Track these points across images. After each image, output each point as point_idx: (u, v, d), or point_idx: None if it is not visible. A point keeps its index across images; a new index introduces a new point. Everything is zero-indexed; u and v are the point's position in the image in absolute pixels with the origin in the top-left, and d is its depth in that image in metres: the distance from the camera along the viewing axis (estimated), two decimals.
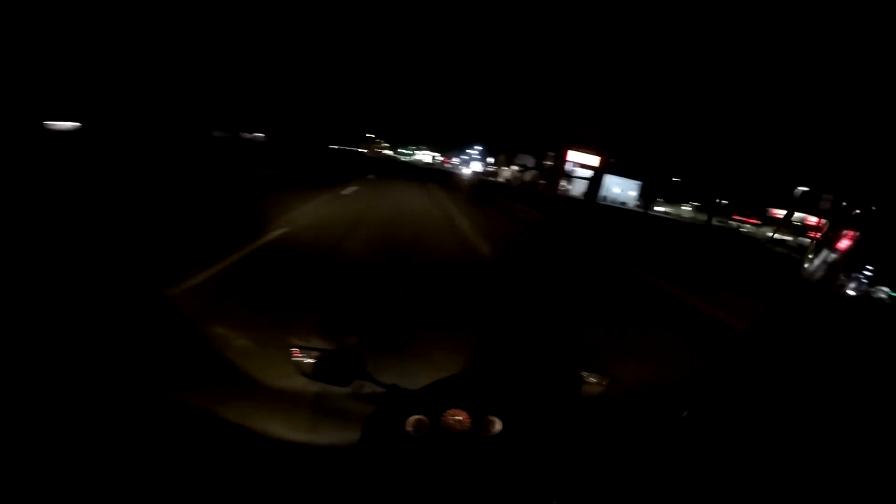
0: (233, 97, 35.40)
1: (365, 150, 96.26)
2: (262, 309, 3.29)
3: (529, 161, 60.06)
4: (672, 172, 54.15)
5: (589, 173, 47.16)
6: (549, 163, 53.55)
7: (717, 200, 47.87)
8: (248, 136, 38.24)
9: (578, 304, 4.94)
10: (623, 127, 48.62)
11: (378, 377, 0.99)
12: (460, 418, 0.85)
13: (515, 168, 61.12)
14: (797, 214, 43.62)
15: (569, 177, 48.85)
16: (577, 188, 48.59)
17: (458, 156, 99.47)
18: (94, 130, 15.41)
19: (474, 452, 0.84)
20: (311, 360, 1.00)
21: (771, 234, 36.82)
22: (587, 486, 0.87)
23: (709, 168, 50.91)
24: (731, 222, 52.39)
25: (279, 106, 48.92)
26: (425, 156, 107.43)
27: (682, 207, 58.59)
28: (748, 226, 51.30)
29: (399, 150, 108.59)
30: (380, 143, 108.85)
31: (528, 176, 57.51)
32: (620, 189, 53.19)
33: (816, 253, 4.93)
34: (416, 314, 3.62)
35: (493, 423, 0.86)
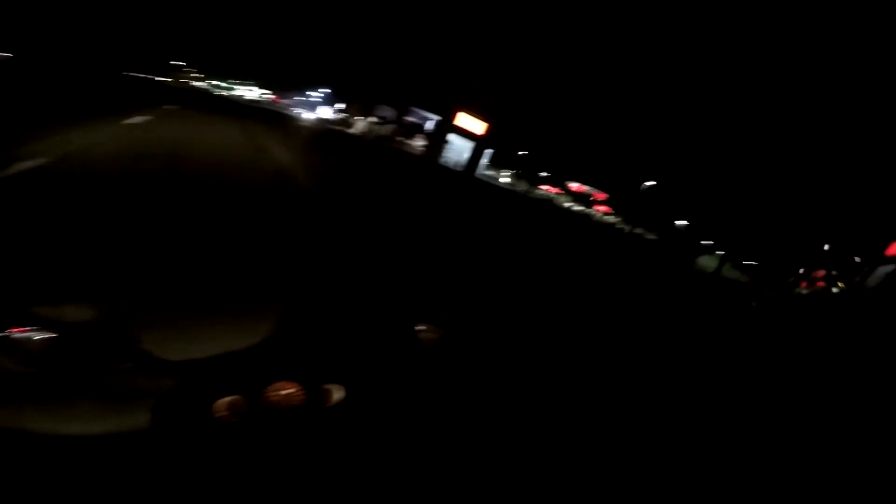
0: None
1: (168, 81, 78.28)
2: None
3: (390, 114, 52.77)
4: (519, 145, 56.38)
5: (459, 140, 43.82)
6: (411, 119, 53.70)
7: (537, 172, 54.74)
8: None
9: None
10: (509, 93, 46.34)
11: (161, 354, 0.75)
12: (291, 391, 0.71)
13: (373, 120, 54.48)
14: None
15: (430, 137, 46.86)
16: (452, 155, 44.53)
17: (296, 97, 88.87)
18: None
19: (313, 428, 0.70)
20: (43, 339, 0.72)
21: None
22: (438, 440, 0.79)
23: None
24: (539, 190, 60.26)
25: None
26: (250, 93, 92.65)
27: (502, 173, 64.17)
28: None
29: (214, 84, 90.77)
30: (189, 73, 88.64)
31: (387, 130, 56.12)
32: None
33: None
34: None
35: (330, 391, 0.73)
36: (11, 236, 2.45)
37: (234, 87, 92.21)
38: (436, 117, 49.67)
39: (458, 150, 46.62)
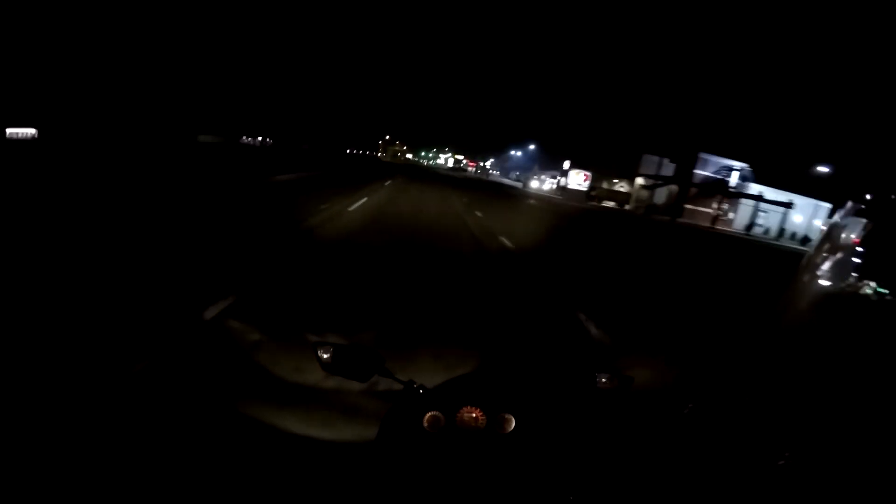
0: (227, 98, 31.65)
1: (382, 155, 79.65)
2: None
3: (663, 169, 34.01)
4: None
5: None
6: (705, 172, 32.31)
7: None
8: (248, 140, 35.01)
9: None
10: None
11: (395, 374, 1.02)
12: (475, 415, 0.86)
13: (640, 182, 34.93)
14: None
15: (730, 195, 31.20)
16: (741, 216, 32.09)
17: (488, 159, 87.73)
18: (53, 137, 13.59)
19: (489, 449, 0.84)
20: (329, 354, 1.04)
21: None
22: (601, 482, 0.85)
23: None
24: None
25: (285, 108, 43.64)
26: (447, 160, 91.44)
27: None
28: None
29: (420, 154, 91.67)
30: (398, 146, 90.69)
31: (663, 196, 33.48)
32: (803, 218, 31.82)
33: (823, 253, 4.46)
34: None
35: (507, 420, 0.86)
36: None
37: (436, 155, 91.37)
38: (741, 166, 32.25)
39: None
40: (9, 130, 12.00)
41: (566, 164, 40.61)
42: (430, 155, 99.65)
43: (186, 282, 3.65)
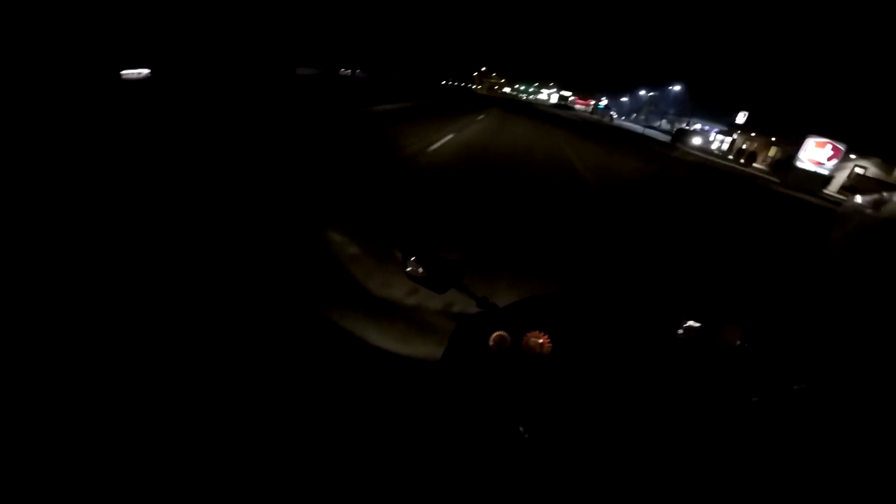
0: (324, 31, 31.57)
1: (477, 87, 76.46)
2: None
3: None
4: None
5: None
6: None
7: None
8: (345, 72, 34.73)
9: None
10: None
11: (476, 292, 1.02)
12: (541, 341, 0.85)
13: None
14: None
15: None
16: None
17: (601, 98, 75.68)
18: (164, 76, 14.08)
19: (548, 376, 0.83)
20: (413, 261, 1.06)
21: None
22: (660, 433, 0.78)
23: None
24: None
25: (379, 39, 42.31)
26: (550, 95, 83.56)
27: None
28: None
29: (517, 88, 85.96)
30: (496, 78, 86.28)
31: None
32: None
33: None
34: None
35: (571, 349, 0.86)
36: None
37: (538, 90, 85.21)
38: None
39: None
40: (124, 72, 13.11)
41: (740, 117, 30.21)
42: (532, 90, 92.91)
43: (292, 203, 3.96)
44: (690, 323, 0.98)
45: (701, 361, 0.95)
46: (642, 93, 63.01)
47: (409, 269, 1.06)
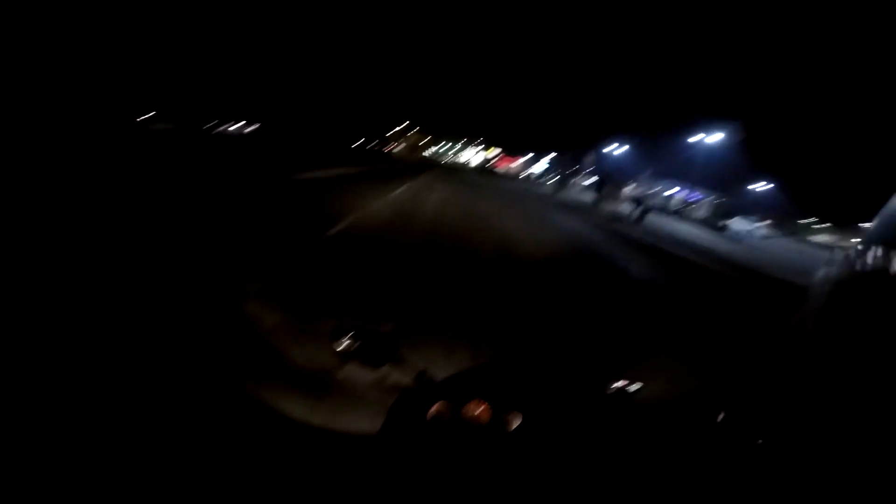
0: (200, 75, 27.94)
1: (395, 148, 72.89)
2: None
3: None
4: None
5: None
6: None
7: None
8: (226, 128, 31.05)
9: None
10: None
11: (408, 364, 1.07)
12: (481, 409, 0.88)
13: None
14: None
15: None
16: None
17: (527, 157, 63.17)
18: None
19: (491, 445, 0.86)
20: (344, 338, 1.07)
21: None
22: (601, 486, 0.86)
23: None
24: None
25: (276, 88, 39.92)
26: (473, 155, 78.79)
27: None
28: None
29: (440, 147, 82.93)
30: (418, 135, 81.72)
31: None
32: None
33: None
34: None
35: (513, 418, 0.88)
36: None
37: (461, 148, 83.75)
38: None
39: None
40: None
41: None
42: (458, 148, 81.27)
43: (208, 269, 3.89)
44: (621, 382, 1.08)
45: (633, 419, 1.03)
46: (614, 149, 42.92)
47: (340, 347, 1.08)
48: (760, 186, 41.06)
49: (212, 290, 3.30)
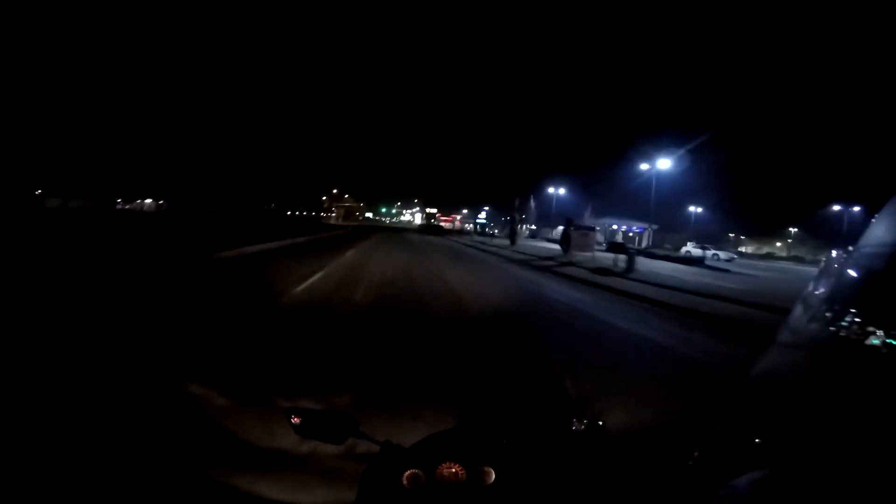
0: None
1: (329, 216, 74.53)
2: None
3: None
4: None
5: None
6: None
7: None
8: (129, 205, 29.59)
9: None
10: None
11: (371, 434, 1.06)
12: (455, 470, 0.89)
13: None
14: None
15: None
16: None
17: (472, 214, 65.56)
18: None
19: (475, 500, 0.87)
20: (301, 419, 1.07)
21: None
22: None
23: None
24: None
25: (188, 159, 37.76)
26: (411, 216, 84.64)
27: None
28: None
29: (380, 212, 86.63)
30: (351, 201, 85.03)
31: None
32: None
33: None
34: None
35: (487, 473, 0.89)
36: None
37: (399, 213, 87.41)
38: None
39: None
40: None
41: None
42: (394, 211, 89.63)
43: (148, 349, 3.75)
44: (581, 426, 1.12)
45: (602, 454, 1.08)
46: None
47: (297, 428, 1.06)
48: (691, 209, 46.47)
49: (145, 377, 3.11)
